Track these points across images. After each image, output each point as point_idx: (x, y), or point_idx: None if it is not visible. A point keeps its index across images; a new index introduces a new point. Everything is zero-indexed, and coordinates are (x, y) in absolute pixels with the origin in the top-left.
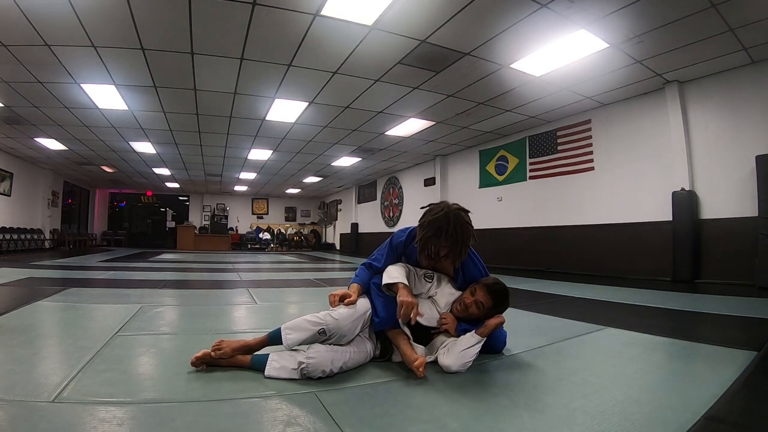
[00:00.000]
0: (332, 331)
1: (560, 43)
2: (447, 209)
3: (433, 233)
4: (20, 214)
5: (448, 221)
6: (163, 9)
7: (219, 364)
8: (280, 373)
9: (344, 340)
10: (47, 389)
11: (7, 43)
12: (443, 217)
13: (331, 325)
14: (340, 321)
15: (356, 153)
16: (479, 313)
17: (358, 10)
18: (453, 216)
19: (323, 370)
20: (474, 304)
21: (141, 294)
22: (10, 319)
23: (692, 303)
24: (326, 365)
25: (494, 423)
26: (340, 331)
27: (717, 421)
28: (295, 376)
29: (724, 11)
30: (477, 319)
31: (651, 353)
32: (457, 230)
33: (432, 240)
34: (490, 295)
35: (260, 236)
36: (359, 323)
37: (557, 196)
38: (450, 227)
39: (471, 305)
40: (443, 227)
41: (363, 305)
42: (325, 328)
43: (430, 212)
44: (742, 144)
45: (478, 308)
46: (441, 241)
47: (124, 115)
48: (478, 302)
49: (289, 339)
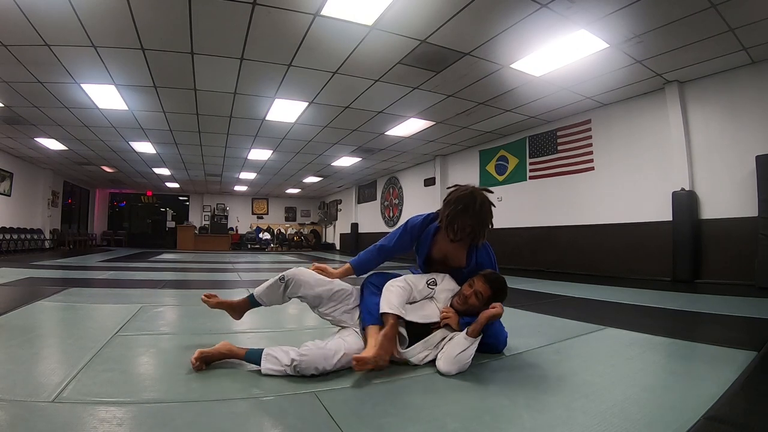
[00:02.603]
0: (305, 366)
1: (560, 43)
2: (473, 188)
3: (460, 209)
4: (20, 214)
5: (474, 199)
6: (163, 9)
7: (215, 358)
8: (275, 367)
9: (321, 367)
10: (47, 389)
11: (7, 43)
12: (470, 195)
13: (303, 364)
14: (309, 357)
15: (356, 153)
16: (478, 304)
17: (358, 10)
18: (479, 195)
19: (315, 367)
20: (473, 294)
21: (141, 294)
22: (10, 319)
23: (692, 303)
24: (319, 363)
25: (494, 423)
26: (313, 363)
27: (717, 421)
28: (289, 372)
29: (724, 11)
30: (477, 312)
31: (651, 353)
32: (483, 208)
33: (459, 216)
34: (488, 284)
35: (260, 236)
36: (333, 360)
37: (557, 196)
38: (476, 205)
39: (470, 296)
40: (470, 204)
41: (334, 344)
42: (297, 365)
43: (457, 191)
44: (742, 144)
45: (477, 299)
46: (467, 218)
47: (124, 115)
48: (477, 292)
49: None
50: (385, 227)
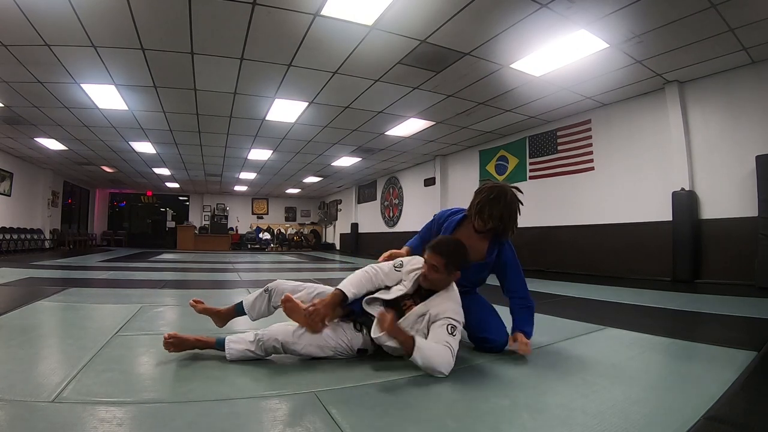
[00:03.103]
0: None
1: (560, 43)
2: (505, 185)
3: (492, 198)
4: (20, 214)
5: (506, 191)
6: (163, 9)
7: (188, 345)
8: (238, 347)
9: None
10: (47, 389)
11: (7, 43)
12: (502, 188)
13: (265, 337)
14: (270, 330)
15: (356, 153)
16: (440, 277)
17: (358, 10)
18: (510, 189)
19: (276, 338)
20: (429, 269)
21: (141, 294)
22: (10, 319)
23: (692, 303)
24: (279, 334)
25: (494, 423)
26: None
27: (717, 421)
28: (252, 349)
29: (724, 11)
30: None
31: (651, 353)
32: (512, 203)
33: (490, 204)
34: (436, 252)
35: (260, 236)
36: (296, 336)
37: (557, 196)
38: (507, 196)
39: (429, 271)
40: (502, 195)
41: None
42: (260, 339)
43: (489, 183)
44: (742, 144)
45: (435, 271)
46: (497, 207)
47: (124, 115)
48: (431, 266)
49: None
50: (385, 227)
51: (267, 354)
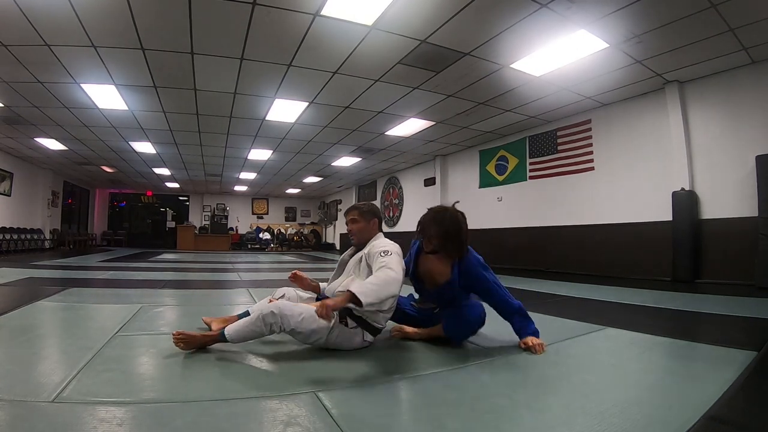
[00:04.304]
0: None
1: (560, 43)
2: (448, 206)
3: (428, 218)
4: (20, 214)
5: (445, 211)
6: (163, 9)
7: (196, 342)
8: (239, 326)
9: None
10: (47, 389)
11: (7, 43)
12: (441, 209)
13: (266, 310)
14: (276, 304)
15: (356, 153)
16: (360, 226)
17: (358, 10)
18: (450, 209)
19: (281, 310)
20: (349, 223)
21: (141, 294)
22: (10, 319)
23: (692, 303)
24: (285, 309)
25: (494, 423)
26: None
27: (717, 421)
28: (257, 324)
29: (724, 11)
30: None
31: (651, 353)
32: (451, 220)
33: (431, 225)
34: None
35: (260, 236)
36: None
37: (557, 196)
38: (447, 216)
39: (350, 225)
40: (440, 215)
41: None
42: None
43: (434, 207)
44: (742, 144)
45: (354, 222)
46: (433, 228)
47: (124, 115)
48: (350, 220)
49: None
50: (384, 227)
51: (266, 326)
